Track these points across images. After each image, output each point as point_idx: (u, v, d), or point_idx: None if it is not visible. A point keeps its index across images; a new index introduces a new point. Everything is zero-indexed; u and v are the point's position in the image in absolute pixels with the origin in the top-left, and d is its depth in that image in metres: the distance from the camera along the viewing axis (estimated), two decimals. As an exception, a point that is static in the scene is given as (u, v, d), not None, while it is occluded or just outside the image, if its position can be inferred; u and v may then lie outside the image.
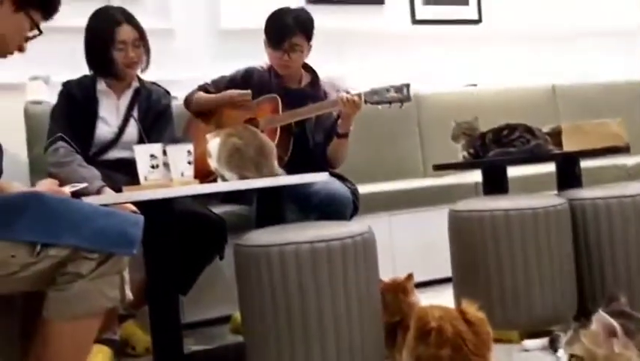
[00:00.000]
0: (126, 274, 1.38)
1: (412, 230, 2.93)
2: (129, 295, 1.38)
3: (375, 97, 2.35)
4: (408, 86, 2.33)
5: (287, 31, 2.48)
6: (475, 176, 2.90)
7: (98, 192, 2.13)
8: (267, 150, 1.94)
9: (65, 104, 2.36)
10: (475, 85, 3.81)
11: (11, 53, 1.50)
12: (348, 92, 2.38)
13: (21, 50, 1.50)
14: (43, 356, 1.34)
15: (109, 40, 2.29)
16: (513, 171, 2.59)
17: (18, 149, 2.75)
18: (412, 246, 2.90)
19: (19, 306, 1.46)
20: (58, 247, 1.27)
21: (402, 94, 2.32)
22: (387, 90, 2.33)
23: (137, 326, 2.26)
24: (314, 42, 2.58)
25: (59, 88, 2.41)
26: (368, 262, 1.72)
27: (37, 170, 2.59)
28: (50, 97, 2.59)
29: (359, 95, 2.37)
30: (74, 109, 2.34)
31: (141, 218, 1.39)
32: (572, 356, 1.28)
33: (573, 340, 1.30)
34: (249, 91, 2.54)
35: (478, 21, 4.01)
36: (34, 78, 2.81)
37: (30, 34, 1.49)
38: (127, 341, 2.25)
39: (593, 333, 1.26)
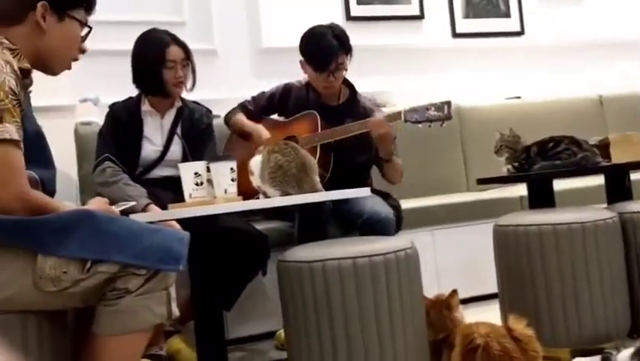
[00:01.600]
0: (173, 291, 1.41)
1: (455, 245, 2.89)
2: (176, 311, 1.41)
3: (415, 116, 2.30)
4: (449, 104, 2.27)
5: (332, 52, 2.44)
6: (520, 190, 2.85)
7: (144, 209, 2.18)
8: (308, 166, 1.94)
9: (112, 126, 2.43)
10: (518, 97, 3.75)
11: (76, 59, 1.53)
12: (381, 112, 2.34)
13: (83, 51, 1.54)
14: None
15: (160, 61, 2.35)
16: (560, 185, 2.53)
17: (68, 168, 2.84)
18: (456, 262, 2.86)
19: (72, 322, 1.50)
20: (107, 263, 1.31)
21: (442, 112, 2.27)
22: (428, 109, 2.28)
23: (183, 341, 2.29)
24: (355, 59, 2.57)
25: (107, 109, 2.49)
26: (411, 277, 1.70)
27: (86, 188, 2.66)
28: (99, 118, 2.68)
29: (398, 113, 2.35)
30: (120, 130, 2.40)
31: (187, 235, 1.42)
32: None
33: None
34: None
35: (521, 33, 3.95)
36: (84, 100, 2.90)
37: (83, 33, 1.53)
38: (173, 357, 2.27)
39: None
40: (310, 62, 2.49)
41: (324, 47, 2.45)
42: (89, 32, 1.54)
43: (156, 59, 2.36)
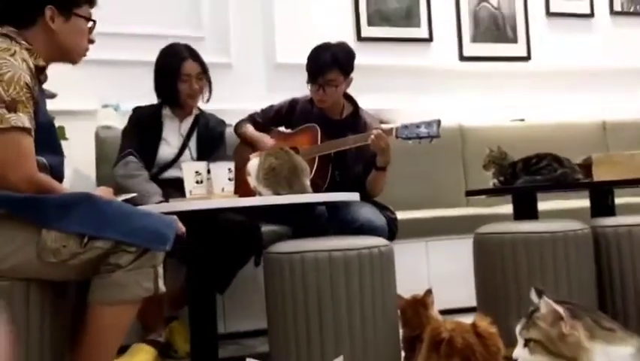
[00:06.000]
0: (160, 269, 1.57)
1: (448, 257, 3.00)
2: (162, 287, 1.57)
3: (406, 132, 2.43)
4: (438, 122, 2.39)
5: (321, 67, 2.62)
6: (513, 206, 2.95)
7: (156, 206, 2.36)
8: (300, 169, 2.10)
9: (134, 125, 2.66)
10: (522, 120, 3.86)
11: (84, 55, 1.71)
12: (380, 126, 2.48)
13: (92, 41, 1.71)
14: (83, 337, 1.54)
15: (175, 74, 2.58)
16: (549, 204, 2.62)
17: (88, 169, 3.05)
18: (448, 272, 2.96)
19: (72, 295, 1.67)
20: (102, 240, 1.49)
21: (431, 129, 2.39)
22: (418, 126, 2.41)
23: (182, 325, 2.45)
24: (362, 78, 2.72)
25: (128, 115, 2.71)
26: (385, 273, 1.84)
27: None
28: (119, 123, 2.90)
29: (391, 129, 2.48)
30: (142, 131, 2.62)
31: (174, 220, 1.58)
32: (529, 340, 1.38)
33: (529, 325, 1.39)
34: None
35: (527, 58, 4.07)
36: (105, 106, 3.13)
37: (89, 25, 1.69)
38: (171, 344, 2.43)
39: (544, 316, 1.36)
40: (306, 72, 2.68)
41: (317, 61, 2.64)
42: (95, 25, 1.70)
43: (173, 71, 2.58)
